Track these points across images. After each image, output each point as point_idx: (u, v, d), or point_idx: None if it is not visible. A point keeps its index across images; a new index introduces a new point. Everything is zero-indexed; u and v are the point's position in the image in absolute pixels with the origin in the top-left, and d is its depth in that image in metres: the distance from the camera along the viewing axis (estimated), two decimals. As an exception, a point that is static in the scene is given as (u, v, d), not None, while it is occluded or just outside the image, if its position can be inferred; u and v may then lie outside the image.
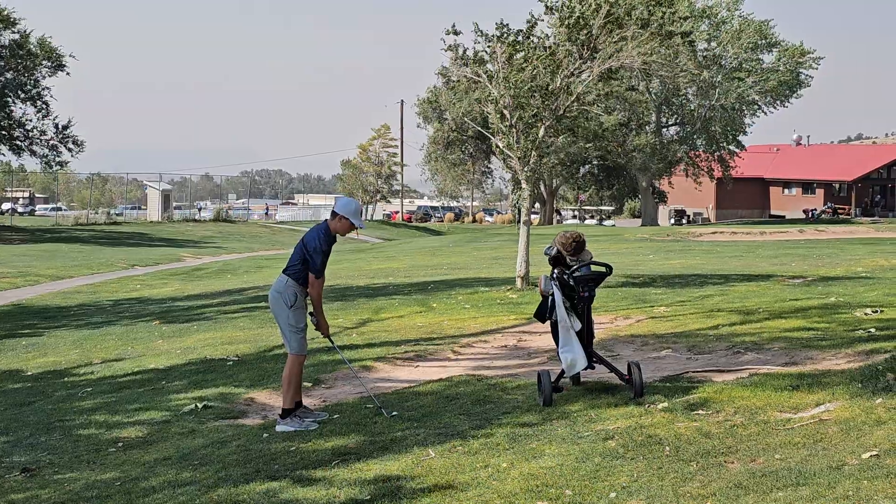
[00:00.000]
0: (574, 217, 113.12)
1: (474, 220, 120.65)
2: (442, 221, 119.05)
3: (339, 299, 23.01)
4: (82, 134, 79.76)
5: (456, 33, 23.02)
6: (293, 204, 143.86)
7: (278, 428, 10.71)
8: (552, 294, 10.72)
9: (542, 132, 22.72)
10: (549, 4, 22.55)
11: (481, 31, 22.69)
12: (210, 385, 13.49)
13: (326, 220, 11.00)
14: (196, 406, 12.21)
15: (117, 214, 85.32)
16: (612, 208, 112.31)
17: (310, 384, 12.92)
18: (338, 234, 10.92)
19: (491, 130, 23.32)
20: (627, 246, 45.89)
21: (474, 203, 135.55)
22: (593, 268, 10.98)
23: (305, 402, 11.77)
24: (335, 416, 11.05)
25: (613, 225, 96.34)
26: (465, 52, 23.18)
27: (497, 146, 23.34)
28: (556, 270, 10.88)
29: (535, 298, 18.53)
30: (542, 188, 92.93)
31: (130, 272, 40.08)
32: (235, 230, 74.31)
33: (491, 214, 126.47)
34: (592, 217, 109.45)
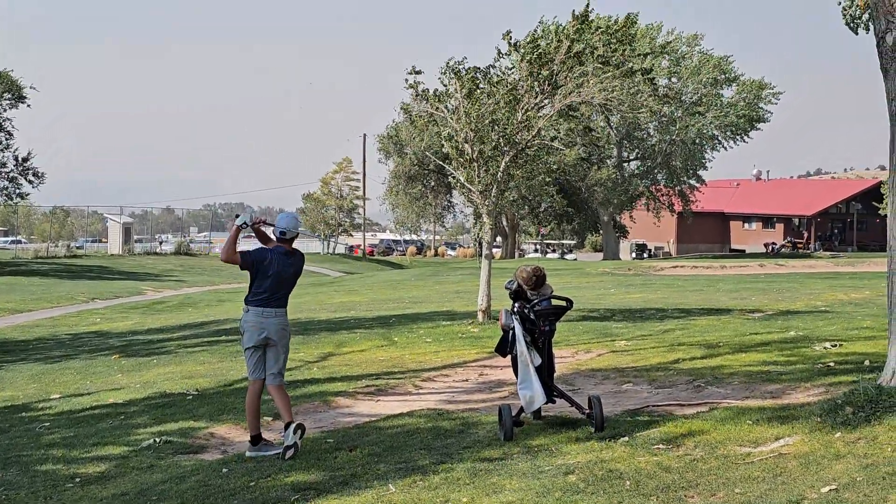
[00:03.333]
0: (536, 251, 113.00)
1: (437, 254, 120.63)
2: (404, 255, 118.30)
3: (302, 333, 22.90)
4: (42, 166, 79.15)
5: (417, 73, 23.14)
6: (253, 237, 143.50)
7: (289, 451, 10.69)
8: (513, 328, 10.70)
9: (502, 165, 22.72)
10: (511, 42, 22.64)
11: (442, 69, 22.80)
12: (170, 419, 13.35)
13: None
14: (155, 441, 12.07)
15: (77, 247, 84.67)
16: (574, 242, 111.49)
17: (270, 418, 12.82)
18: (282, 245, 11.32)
19: (452, 164, 23.27)
20: (589, 280, 45.92)
21: (437, 237, 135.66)
22: (554, 302, 11.00)
23: (267, 436, 11.69)
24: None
25: (575, 259, 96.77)
26: (425, 90, 23.26)
27: (458, 180, 23.33)
28: (516, 304, 10.85)
29: (497, 332, 18.55)
30: (504, 222, 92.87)
31: (90, 305, 39.79)
32: (197, 263, 73.94)
33: (453, 248, 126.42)
34: (554, 251, 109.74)
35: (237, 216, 11.36)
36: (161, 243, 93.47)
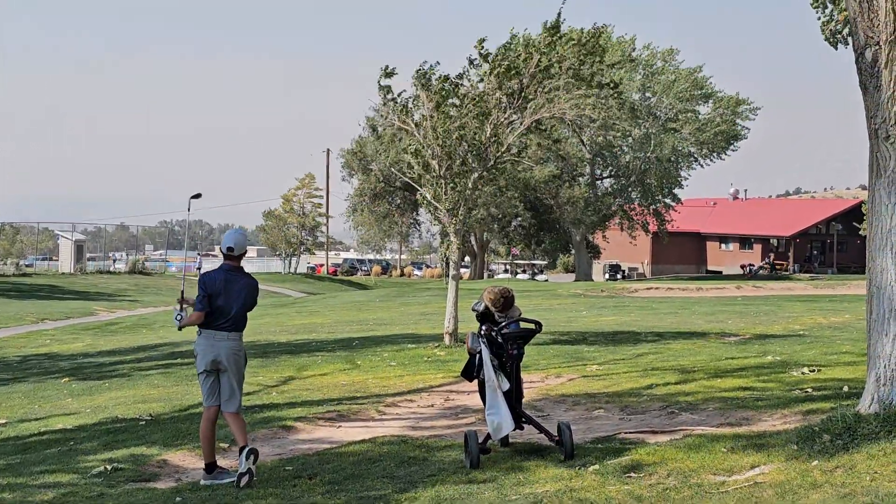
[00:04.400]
0: (506, 271, 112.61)
1: (402, 274, 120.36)
2: (369, 275, 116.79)
3: (261, 356, 22.79)
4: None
5: (389, 75, 23.06)
6: (213, 255, 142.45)
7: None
8: (480, 352, 10.72)
9: (470, 182, 22.76)
10: (482, 52, 22.63)
11: (413, 76, 22.80)
12: (121, 446, 13.22)
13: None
14: (106, 468, 11.93)
15: (27, 265, 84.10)
16: (546, 262, 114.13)
17: (227, 444, 12.76)
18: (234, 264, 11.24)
19: (418, 181, 23.28)
20: (560, 302, 46.03)
21: (403, 256, 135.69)
22: (522, 324, 11.03)
23: (223, 463, 11.63)
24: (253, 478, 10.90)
25: (546, 280, 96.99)
26: (399, 94, 23.18)
27: (424, 198, 23.31)
28: (483, 327, 10.87)
29: (464, 356, 18.38)
30: (473, 241, 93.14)
31: (40, 326, 39.54)
32: (152, 283, 73.62)
33: (420, 268, 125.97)
34: (525, 271, 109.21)
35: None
36: (115, 261, 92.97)
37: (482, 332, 10.86)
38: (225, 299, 10.96)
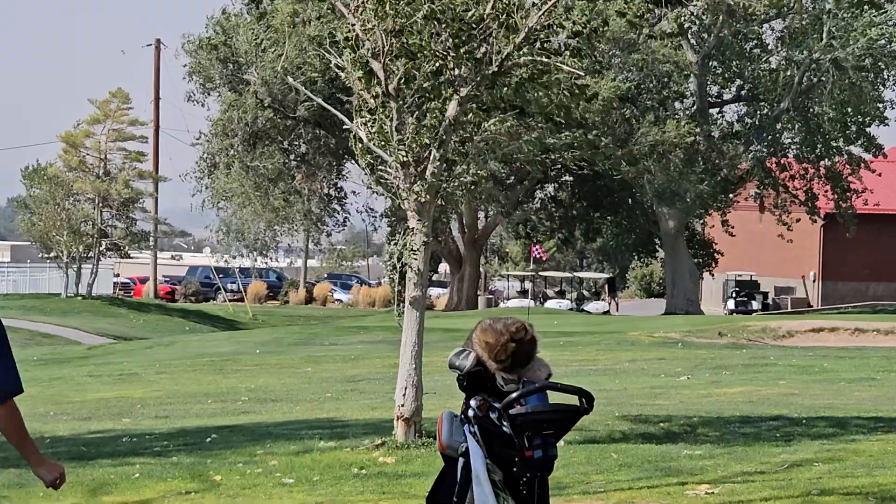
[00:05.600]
0: (522, 293, 68.68)
1: (311, 298, 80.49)
2: (242, 301, 71.80)
3: (15, 464, 15.06)
4: None
5: None
6: None
7: None
8: (464, 452, 7.40)
9: (452, 108, 14.75)
10: None
11: None
12: None
13: None
14: None
15: None
16: (606, 277, 72.74)
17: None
18: None
19: (347, 105, 15.98)
20: (635, 355, 33.20)
21: (312, 263, 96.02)
22: (551, 396, 7.59)
23: None
24: None
25: (607, 311, 63.69)
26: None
27: (357, 140, 15.43)
28: (474, 402, 7.44)
29: (433, 464, 12.90)
30: (456, 231, 62.70)
31: None
32: None
33: (346, 286, 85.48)
34: (563, 295, 68.49)
35: None
36: None
37: (472, 413, 7.41)
38: None
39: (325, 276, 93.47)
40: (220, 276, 77.30)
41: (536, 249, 61.45)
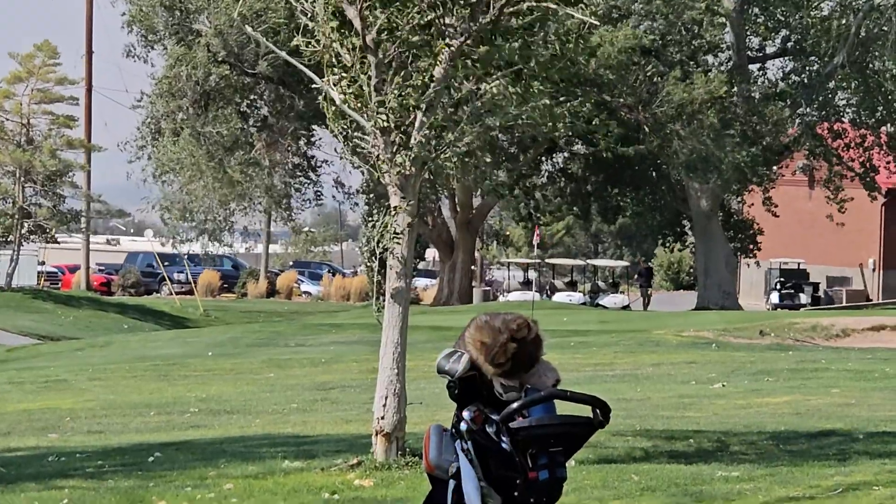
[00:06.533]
0: (526, 284, 61.60)
1: (273, 291, 73.81)
2: (192, 294, 67.00)
3: None
4: None
5: None
6: None
7: None
8: (455, 471, 6.87)
9: (441, 66, 13.44)
10: None
11: None
12: None
13: None
14: None
15: None
16: (627, 264, 67.56)
17: None
18: None
19: (316, 62, 14.18)
20: (660, 358, 30.80)
21: (275, 250, 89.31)
22: (559, 406, 7.00)
23: None
24: None
25: (627, 306, 57.35)
26: None
27: (329, 101, 13.86)
28: (467, 413, 6.86)
29: (419, 488, 12.17)
30: (447, 212, 58.37)
31: None
32: None
33: (315, 276, 79.61)
34: (574, 287, 63.27)
35: None
36: None
37: (464, 426, 6.83)
38: None
39: (291, 263, 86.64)
40: (166, 264, 69.48)
41: (536, 234, 54.25)
